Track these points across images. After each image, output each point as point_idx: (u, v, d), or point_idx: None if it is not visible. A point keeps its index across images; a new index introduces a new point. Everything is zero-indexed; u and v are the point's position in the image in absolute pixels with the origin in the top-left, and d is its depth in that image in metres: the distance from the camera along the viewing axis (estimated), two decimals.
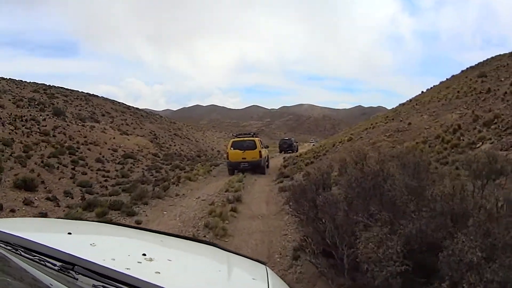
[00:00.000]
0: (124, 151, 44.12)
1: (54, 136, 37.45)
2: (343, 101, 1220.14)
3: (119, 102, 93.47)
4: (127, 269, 2.00)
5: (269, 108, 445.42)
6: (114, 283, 1.88)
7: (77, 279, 1.86)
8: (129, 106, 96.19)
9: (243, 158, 27.12)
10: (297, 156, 40.24)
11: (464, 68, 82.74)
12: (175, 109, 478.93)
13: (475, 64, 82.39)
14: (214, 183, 24.22)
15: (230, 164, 27.88)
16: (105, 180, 27.42)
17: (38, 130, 36.60)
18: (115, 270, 1.96)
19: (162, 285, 1.87)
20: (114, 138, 49.46)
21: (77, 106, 67.85)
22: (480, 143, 20.17)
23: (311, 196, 8.46)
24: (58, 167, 27.01)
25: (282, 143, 59.53)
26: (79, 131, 44.16)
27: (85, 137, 42.83)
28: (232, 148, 27.85)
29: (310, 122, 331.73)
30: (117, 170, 32.65)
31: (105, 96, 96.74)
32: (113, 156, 40.03)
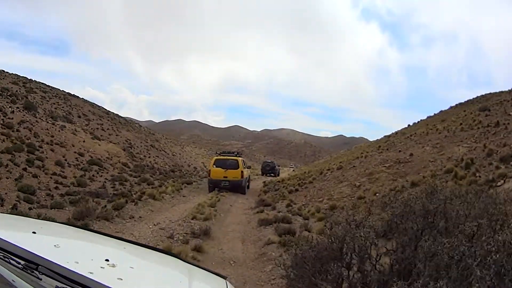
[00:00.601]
0: (92, 157, 40.35)
1: (17, 130, 33.69)
2: (325, 129, 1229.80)
3: (99, 106, 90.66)
4: (90, 273, 1.96)
5: (251, 129, 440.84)
6: (77, 286, 1.88)
7: (40, 279, 1.85)
8: (109, 111, 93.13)
9: (224, 177, 26.98)
10: (279, 181, 37.30)
11: (453, 104, 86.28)
12: (157, 121, 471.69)
13: (465, 101, 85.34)
14: (181, 205, 21.15)
15: (211, 182, 27.63)
16: (56, 187, 23.65)
17: (2, 122, 33.16)
18: (78, 274, 1.93)
19: None
20: (84, 141, 45.94)
21: (54, 104, 64.97)
22: (502, 180, 17.49)
23: (336, 270, 4.66)
24: (7, 164, 23.41)
25: (265, 166, 58.72)
26: (47, 129, 40.69)
27: (52, 136, 39.20)
28: (214, 166, 27.66)
29: (290, 147, 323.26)
30: (75, 177, 28.59)
31: (86, 98, 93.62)
32: (77, 160, 36.21)
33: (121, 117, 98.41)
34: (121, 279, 2.09)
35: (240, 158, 29.33)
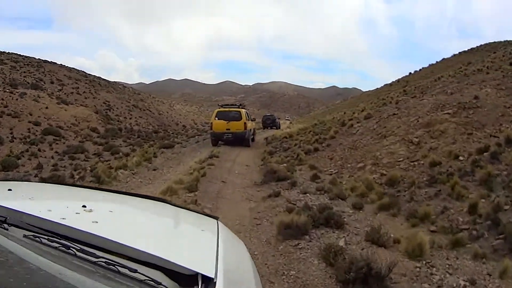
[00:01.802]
0: (50, 125, 35.93)
1: None
2: (317, 81, 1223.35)
3: (77, 70, 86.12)
4: (62, 219, 1.97)
5: (243, 84, 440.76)
6: (47, 233, 1.84)
7: (7, 230, 1.81)
8: (88, 74, 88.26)
9: (227, 129, 25.75)
10: (285, 137, 29.37)
11: (449, 56, 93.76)
12: (148, 83, 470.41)
13: (469, 49, 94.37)
14: (143, 188, 13.82)
15: (214, 135, 26.57)
16: None
17: None
18: (48, 220, 1.94)
19: (96, 233, 1.87)
20: (47, 107, 41.92)
21: (24, 72, 63.91)
22: None
23: None
24: None
25: (265, 119, 55.44)
26: (2, 99, 37.34)
27: (6, 106, 35.94)
28: (216, 118, 26.26)
29: (284, 99, 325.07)
30: (9, 155, 21.95)
31: (76, 68, 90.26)
32: (29, 132, 31.76)
33: (103, 79, 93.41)
34: (96, 222, 2.05)
35: (243, 109, 27.18)
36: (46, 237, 1.76)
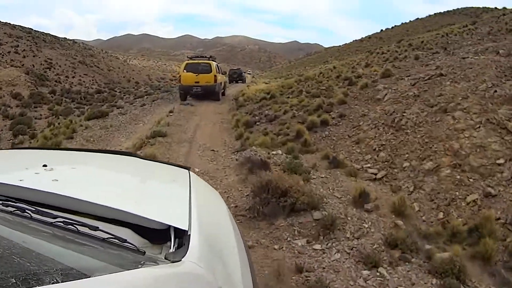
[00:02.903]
0: None
1: None
2: (278, 35, 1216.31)
3: (22, 27, 77.75)
4: (20, 180, 1.85)
5: (202, 38, 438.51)
6: (1, 197, 1.71)
7: None
8: (33, 30, 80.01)
9: (196, 82, 24.04)
10: (264, 98, 21.58)
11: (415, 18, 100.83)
12: (105, 39, 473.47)
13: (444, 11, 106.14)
14: None
15: (182, 88, 24.96)
16: None
17: None
18: (3, 184, 1.81)
19: (54, 191, 1.77)
20: None
21: None
22: None
23: None
24: None
25: (231, 73, 52.03)
26: None
27: None
28: (185, 71, 24.55)
29: (244, 53, 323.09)
30: None
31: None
32: None
33: (51, 35, 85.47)
34: (57, 180, 1.94)
35: (213, 62, 25.54)
36: (0, 201, 1.66)
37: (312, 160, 10.69)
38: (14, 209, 1.61)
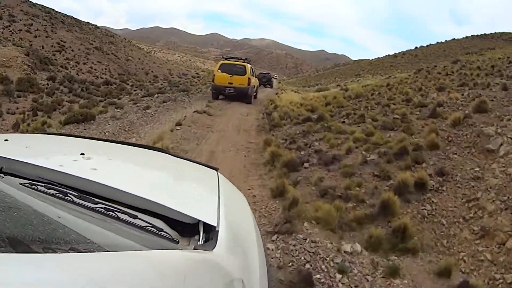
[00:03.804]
0: None
1: None
2: (305, 43, 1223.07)
3: (43, 6, 73.06)
4: (60, 166, 1.95)
5: (230, 37, 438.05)
6: (44, 180, 1.85)
7: (3, 177, 1.80)
8: (53, 10, 74.93)
9: (229, 83, 23.43)
10: (309, 118, 15.59)
11: (444, 38, 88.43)
12: (133, 29, 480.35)
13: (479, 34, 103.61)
14: None
15: (215, 88, 24.13)
16: None
17: None
18: (45, 168, 1.93)
19: (95, 180, 1.88)
20: None
21: None
22: None
23: None
24: None
25: (261, 77, 45.71)
26: None
27: None
28: (219, 71, 23.85)
29: (271, 57, 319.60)
30: None
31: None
32: None
33: (71, 17, 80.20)
34: (95, 169, 2.04)
35: (248, 64, 24.47)
36: (43, 184, 1.75)
37: (421, 276, 5.56)
38: (56, 192, 1.70)
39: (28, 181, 1.75)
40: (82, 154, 2.22)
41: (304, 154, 10.70)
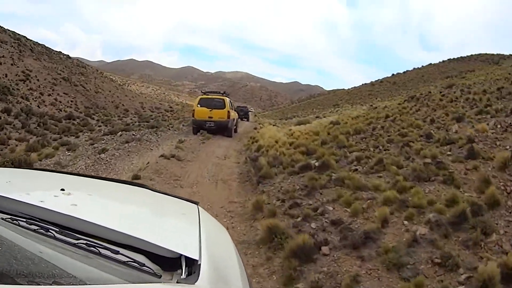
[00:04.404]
0: None
1: None
2: (279, 75, 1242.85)
3: (14, 32, 70.08)
4: (41, 202, 1.95)
5: (204, 70, 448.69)
6: (25, 215, 1.84)
7: None
8: (24, 38, 71.28)
9: (209, 117, 24.15)
10: (310, 166, 11.73)
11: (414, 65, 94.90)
12: (109, 61, 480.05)
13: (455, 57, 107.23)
14: None
15: (195, 122, 24.63)
16: None
17: None
18: (25, 203, 1.92)
19: (75, 215, 1.88)
20: None
21: None
22: None
23: None
24: None
25: (238, 111, 44.07)
26: None
27: None
28: (198, 105, 24.63)
29: (246, 90, 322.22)
30: None
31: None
32: None
33: (41, 45, 76.82)
34: (76, 205, 2.04)
35: (227, 98, 25.50)
36: (24, 220, 1.75)
37: None
38: (38, 227, 1.70)
39: (9, 216, 1.72)
40: (62, 189, 2.20)
41: (317, 228, 7.25)
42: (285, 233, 6.98)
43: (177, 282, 1.65)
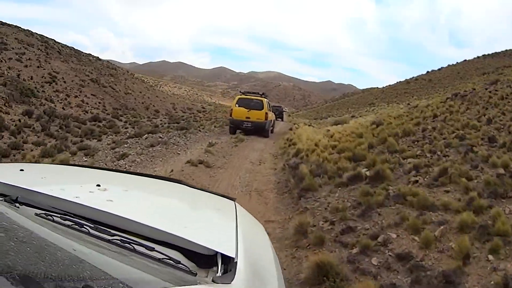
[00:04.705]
0: None
1: None
2: (311, 74, 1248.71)
3: (41, 35, 69.38)
4: (76, 197, 1.95)
5: (237, 71, 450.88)
6: (60, 211, 1.81)
7: (18, 208, 1.73)
8: (51, 40, 70.51)
9: (247, 118, 23.96)
10: (355, 167, 10.22)
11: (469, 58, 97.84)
12: (141, 63, 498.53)
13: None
14: None
15: (233, 122, 24.60)
16: None
17: None
18: (60, 199, 1.92)
19: (111, 212, 1.87)
20: None
21: None
22: None
23: None
24: None
25: (273, 111, 39.25)
26: None
27: None
28: (237, 105, 24.50)
29: (279, 90, 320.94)
30: None
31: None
32: None
33: (70, 47, 75.92)
34: (111, 201, 2.04)
35: (265, 99, 25.50)
36: (58, 215, 1.72)
37: None
38: (72, 223, 1.67)
39: (43, 212, 1.71)
40: (98, 185, 2.20)
41: (380, 264, 5.44)
42: (340, 273, 5.17)
43: (212, 281, 1.58)
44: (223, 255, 1.73)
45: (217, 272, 1.66)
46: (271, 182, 11.07)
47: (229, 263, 1.69)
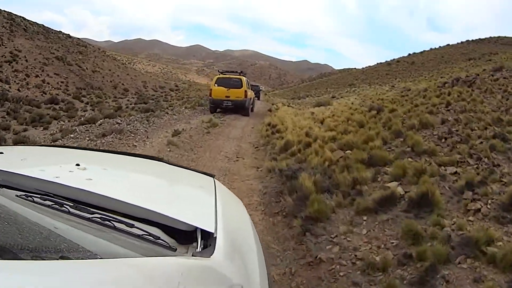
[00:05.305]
0: None
1: None
2: (287, 54, 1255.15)
3: (8, 12, 65.81)
4: (56, 177, 1.93)
5: (213, 49, 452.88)
6: (41, 191, 1.82)
7: None
8: (16, 16, 66.77)
9: (226, 97, 24.39)
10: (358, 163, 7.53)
11: (427, 46, 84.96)
12: (116, 41, 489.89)
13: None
14: None
15: (213, 102, 24.92)
16: None
17: None
18: (40, 179, 1.91)
19: (91, 190, 1.85)
20: None
21: None
22: None
23: None
24: None
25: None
26: None
27: None
28: (216, 85, 24.78)
29: (254, 68, 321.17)
30: None
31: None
32: None
33: (38, 24, 72.71)
34: (91, 179, 2.02)
35: (244, 77, 25.42)
36: (38, 196, 1.72)
37: None
38: (52, 203, 1.67)
39: (24, 193, 1.71)
40: (77, 164, 2.20)
41: None
42: None
43: (192, 255, 1.63)
44: (202, 231, 1.74)
45: (197, 248, 1.67)
46: (254, 193, 7.90)
47: (208, 238, 1.71)
